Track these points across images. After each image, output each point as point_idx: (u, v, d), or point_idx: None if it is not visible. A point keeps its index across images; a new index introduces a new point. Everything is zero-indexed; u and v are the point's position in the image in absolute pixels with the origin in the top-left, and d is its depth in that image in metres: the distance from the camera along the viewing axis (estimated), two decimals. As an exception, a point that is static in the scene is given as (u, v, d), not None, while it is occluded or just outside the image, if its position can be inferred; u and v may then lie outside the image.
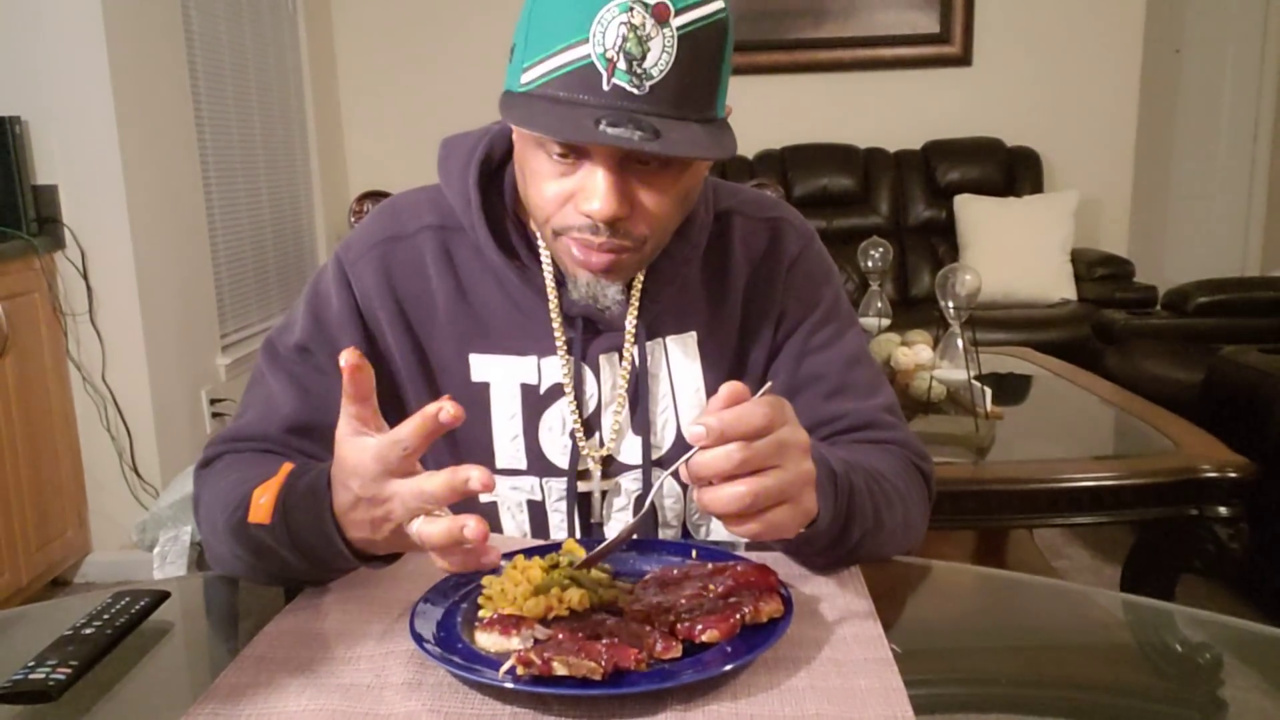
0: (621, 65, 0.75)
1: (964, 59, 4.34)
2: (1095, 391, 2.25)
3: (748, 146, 4.23)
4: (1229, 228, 4.85)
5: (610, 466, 0.96)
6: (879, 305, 2.50)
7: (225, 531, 0.84)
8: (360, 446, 0.67)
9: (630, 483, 0.96)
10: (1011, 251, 3.95)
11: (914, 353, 2.09)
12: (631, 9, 0.74)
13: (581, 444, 0.94)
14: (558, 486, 0.95)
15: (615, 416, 0.95)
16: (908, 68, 4.36)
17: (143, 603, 0.79)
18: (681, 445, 0.95)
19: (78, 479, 2.81)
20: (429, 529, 0.65)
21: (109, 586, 0.85)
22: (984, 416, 1.94)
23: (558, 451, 0.95)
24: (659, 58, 0.75)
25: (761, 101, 4.29)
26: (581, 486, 0.95)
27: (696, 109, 0.78)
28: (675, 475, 0.76)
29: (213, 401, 3.15)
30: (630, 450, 0.95)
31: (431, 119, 4.27)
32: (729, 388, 0.67)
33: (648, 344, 0.95)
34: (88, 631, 0.74)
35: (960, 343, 2.06)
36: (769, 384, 0.72)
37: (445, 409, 0.63)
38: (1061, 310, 3.84)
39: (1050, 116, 4.34)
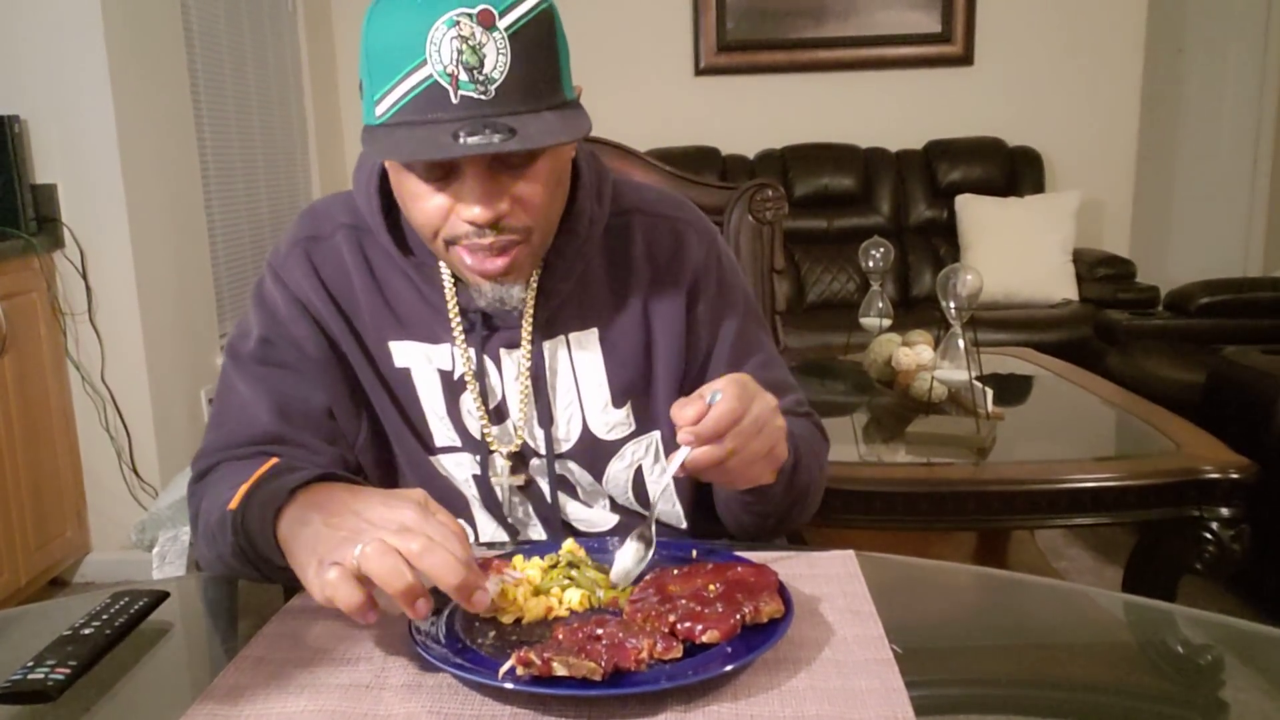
0: (464, 77, 0.78)
1: (965, 59, 4.34)
2: (1097, 392, 2.25)
3: (748, 146, 4.21)
4: (1231, 228, 4.85)
5: (521, 456, 1.00)
6: (880, 305, 2.50)
7: (216, 527, 0.86)
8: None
9: (539, 475, 1.01)
10: (1013, 252, 3.95)
11: (915, 353, 2.09)
12: (458, 22, 0.77)
13: (491, 431, 0.99)
14: (494, 463, 1.01)
15: (520, 409, 0.99)
16: (909, 67, 4.35)
17: (142, 603, 0.79)
18: (587, 438, 1.00)
19: (77, 479, 2.81)
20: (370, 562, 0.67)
21: (108, 586, 0.85)
22: (985, 417, 1.94)
23: (478, 434, 1.00)
24: (496, 61, 0.78)
25: (761, 101, 4.26)
26: (512, 480, 1.00)
27: (545, 98, 0.81)
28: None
29: (211, 401, 3.15)
30: (537, 442, 1.00)
31: (432, 119, 4.27)
32: (684, 406, 0.76)
33: (550, 342, 0.98)
34: (87, 631, 0.74)
35: (961, 343, 2.06)
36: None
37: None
38: (1063, 311, 3.83)
39: (1052, 116, 4.34)
